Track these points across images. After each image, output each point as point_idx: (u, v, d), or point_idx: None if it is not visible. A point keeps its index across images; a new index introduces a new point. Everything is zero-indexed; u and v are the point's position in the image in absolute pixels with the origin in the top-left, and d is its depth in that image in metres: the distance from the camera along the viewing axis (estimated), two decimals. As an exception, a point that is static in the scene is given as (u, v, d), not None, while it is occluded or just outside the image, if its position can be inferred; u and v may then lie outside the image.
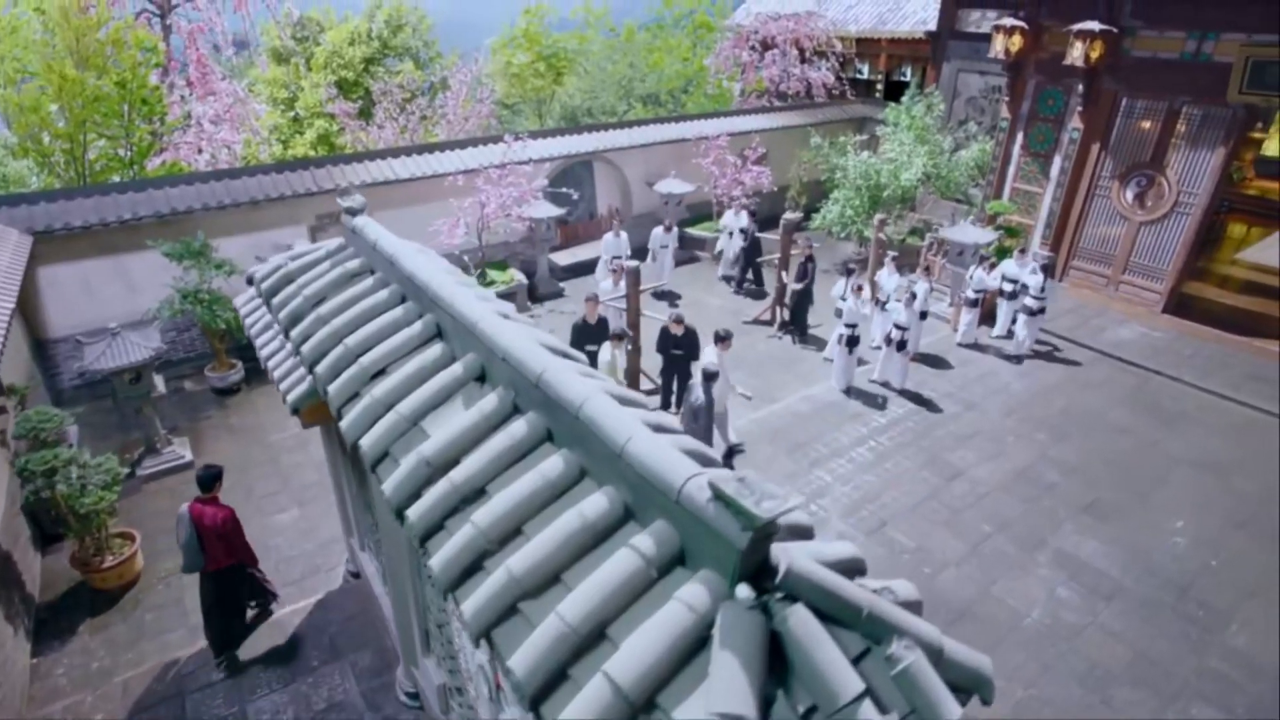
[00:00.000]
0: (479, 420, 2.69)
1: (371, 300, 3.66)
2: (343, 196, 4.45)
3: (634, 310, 9.95)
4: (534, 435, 2.57)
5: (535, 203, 13.11)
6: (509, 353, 2.73)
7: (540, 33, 22.76)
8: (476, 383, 2.99)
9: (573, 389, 2.45)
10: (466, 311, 3.06)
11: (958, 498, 8.48)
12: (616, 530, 2.20)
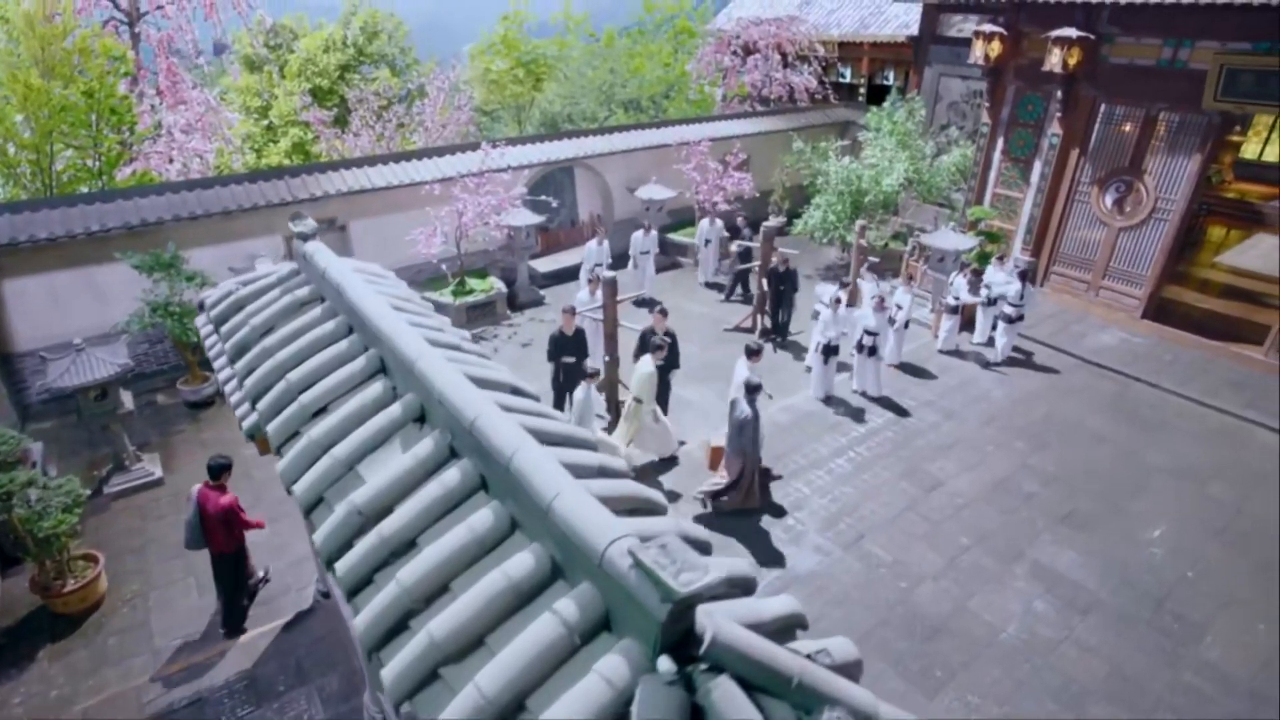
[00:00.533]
0: (414, 466, 2.60)
1: (318, 332, 3.56)
2: (294, 220, 4.34)
3: (611, 321, 9.84)
4: (466, 484, 2.48)
5: (514, 210, 13.00)
6: (444, 396, 2.65)
7: (519, 39, 22.60)
8: (416, 424, 2.90)
9: (504, 438, 2.36)
10: (406, 348, 2.97)
11: (936, 509, 8.44)
12: (544, 590, 2.12)
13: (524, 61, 22.59)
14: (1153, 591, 7.37)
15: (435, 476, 2.57)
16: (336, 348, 3.41)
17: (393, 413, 2.90)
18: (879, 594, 7.31)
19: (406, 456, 2.64)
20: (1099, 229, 13.01)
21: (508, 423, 2.46)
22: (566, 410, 10.07)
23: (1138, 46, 11.69)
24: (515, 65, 22.32)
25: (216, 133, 12.83)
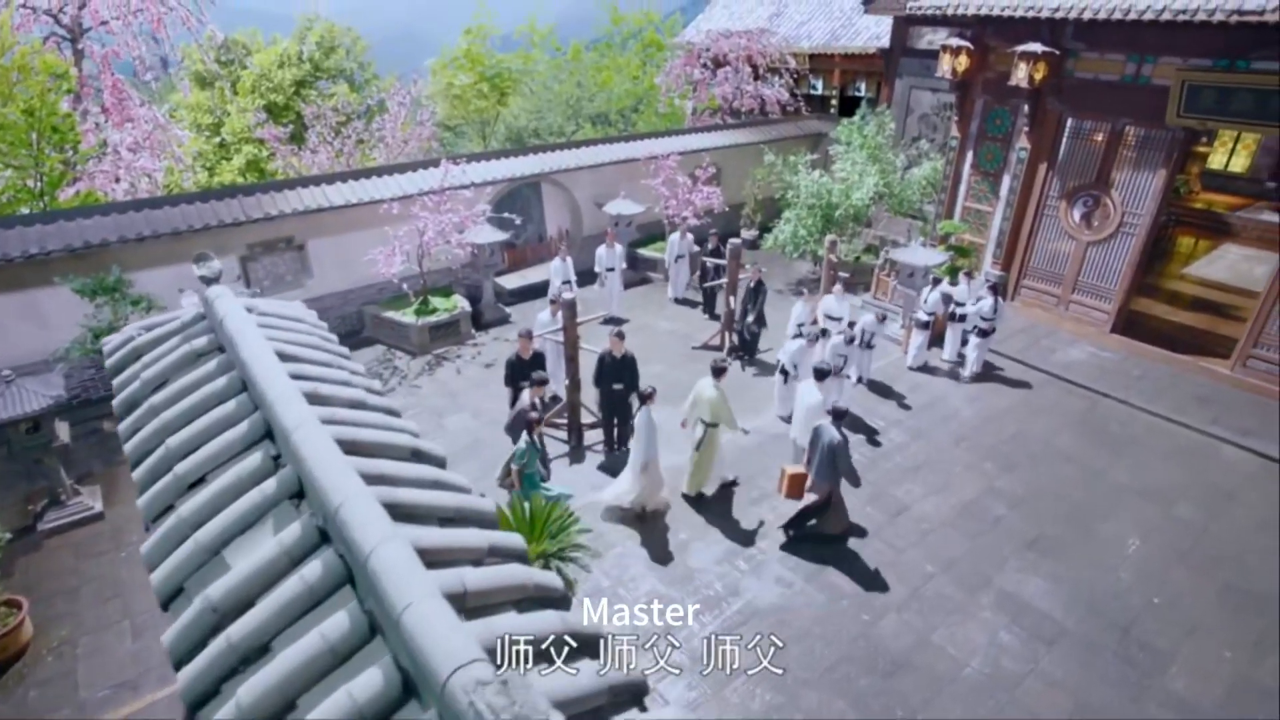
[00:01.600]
0: (278, 555, 2.36)
1: (208, 389, 3.31)
2: (199, 263, 4.08)
3: (572, 343, 9.62)
4: (329, 579, 2.24)
5: (478, 228, 12.75)
6: (311, 475, 2.40)
7: (482, 53, 22.34)
8: (293, 501, 2.66)
9: (366, 530, 2.12)
10: (284, 415, 2.72)
11: (901, 535, 8.26)
12: (394, 713, 1.88)
13: (488, 76, 22.36)
14: (1119, 620, 7.23)
15: (301, 567, 2.32)
16: (224, 408, 3.16)
17: (267, 489, 2.65)
18: (841, 627, 7.10)
19: (273, 543, 2.40)
20: (1068, 243, 12.96)
21: (374, 511, 2.21)
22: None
23: (1102, 62, 11.66)
24: (479, 80, 22.08)
25: (166, 151, 12.48)
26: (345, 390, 3.38)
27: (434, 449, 3.20)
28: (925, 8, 12.71)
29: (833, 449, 7.54)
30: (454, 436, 10.31)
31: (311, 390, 3.27)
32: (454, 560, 2.46)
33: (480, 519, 2.76)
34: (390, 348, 12.87)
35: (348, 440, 2.90)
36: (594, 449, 9.98)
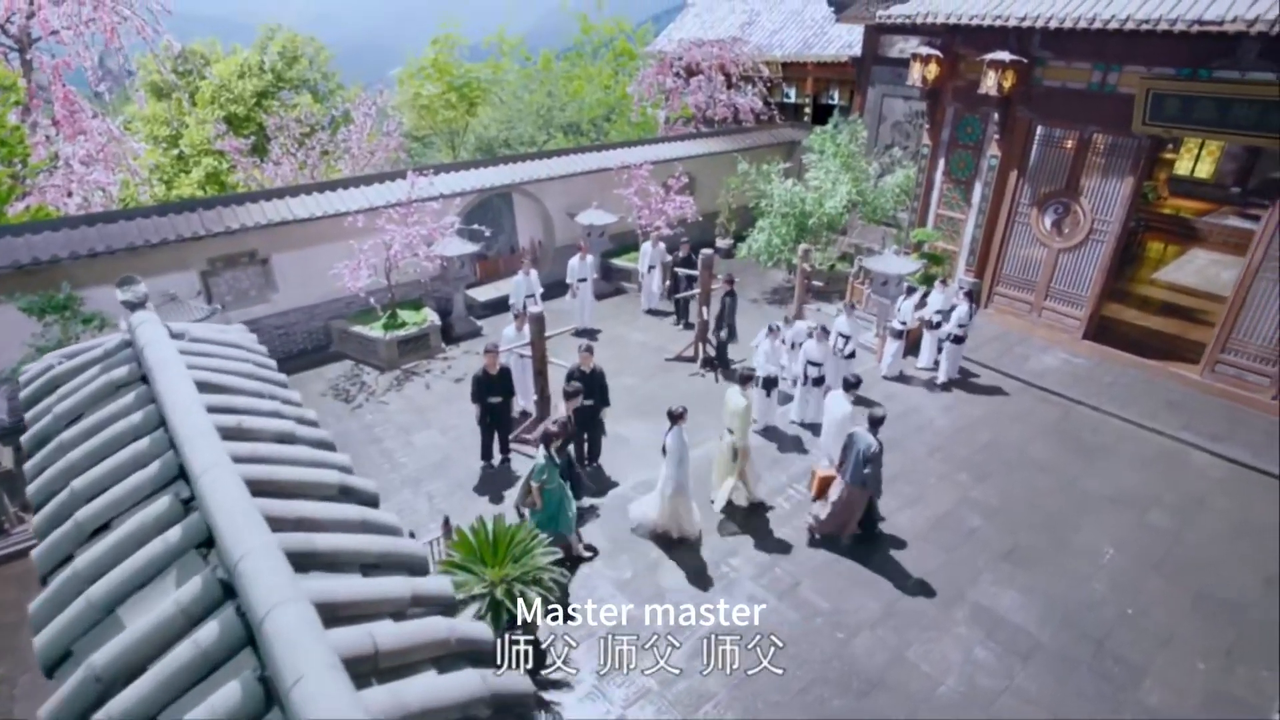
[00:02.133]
0: (174, 614, 2.15)
1: (123, 424, 3.09)
2: (123, 287, 3.85)
3: (539, 359, 9.45)
4: (227, 642, 2.04)
5: (447, 240, 12.54)
6: (215, 523, 2.21)
7: (451, 63, 22.11)
8: (201, 551, 2.45)
9: (263, 591, 1.93)
10: (193, 454, 2.52)
11: (876, 550, 8.15)
12: (283, 803, 1.69)
13: (456, 86, 22.17)
14: (1093, 632, 7.15)
15: (199, 628, 2.12)
16: (137, 446, 2.95)
17: (170, 537, 2.44)
18: (815, 646, 6.96)
19: (169, 602, 2.19)
20: (1040, 250, 12.99)
21: (276, 566, 2.02)
22: (495, 453, 9.63)
23: (1069, 70, 11.72)
24: (447, 90, 21.90)
25: (121, 164, 12.13)
26: (274, 423, 3.18)
27: (365, 485, 3.01)
28: (895, 17, 12.72)
29: (867, 457, 7.54)
30: (422, 454, 10.08)
31: (235, 424, 3.07)
32: (372, 613, 2.28)
33: (408, 563, 2.57)
34: (358, 363, 12.60)
35: (266, 480, 2.70)
36: (565, 465, 9.77)
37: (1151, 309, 14.19)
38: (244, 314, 11.99)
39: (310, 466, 2.97)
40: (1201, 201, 18.72)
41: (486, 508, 8.89)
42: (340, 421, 10.91)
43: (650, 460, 9.73)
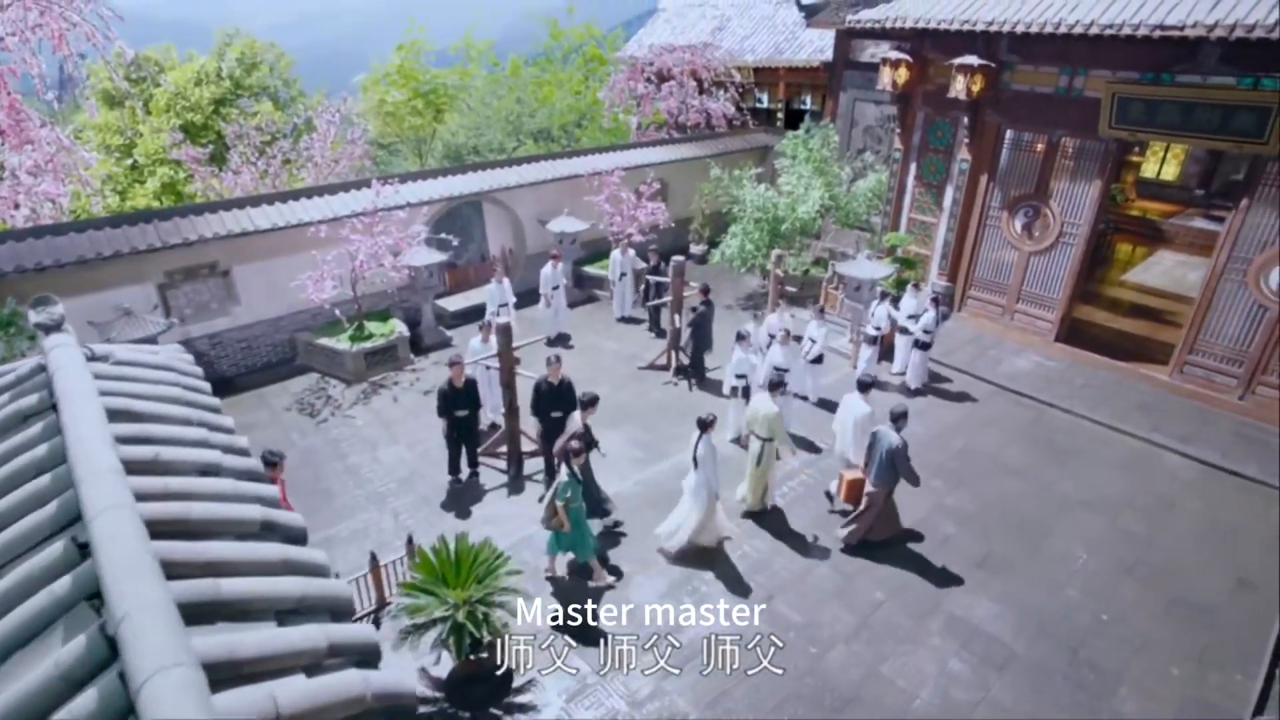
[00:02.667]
0: (52, 678, 1.94)
1: (27, 458, 2.86)
2: (38, 308, 3.62)
3: (507, 370, 9.24)
4: (105, 714, 1.84)
5: (415, 249, 12.31)
6: (102, 574, 2.00)
7: (417, 69, 21.83)
8: (93, 603, 2.24)
9: (143, 655, 1.73)
10: (89, 495, 2.31)
11: (851, 561, 8.03)
12: None
13: (422, 92, 21.90)
14: (1068, 640, 7.09)
15: (77, 696, 1.91)
16: (39, 483, 2.72)
17: (59, 589, 2.23)
18: (789, 661, 6.80)
19: (48, 663, 1.98)
20: (1011, 253, 13.02)
21: (162, 625, 1.82)
22: (462, 467, 9.42)
23: (1036, 74, 11.76)
24: (414, 96, 21.62)
25: (71, 174, 11.77)
26: (197, 453, 2.97)
27: (292, 520, 2.81)
28: (864, 21, 12.71)
29: (893, 453, 7.61)
30: (389, 469, 9.83)
31: (151, 456, 2.86)
32: (283, 668, 2.09)
33: (332, 606, 2.38)
34: (325, 376, 12.30)
35: (176, 519, 2.50)
36: (534, 479, 9.57)
37: (1121, 310, 14.28)
38: (205, 327, 11.67)
39: (231, 501, 2.77)
40: (1168, 204, 18.94)
41: (453, 524, 8.67)
42: (305, 437, 10.63)
43: (622, 469, 9.59)
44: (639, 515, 8.65)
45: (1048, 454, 10.00)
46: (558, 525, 7.25)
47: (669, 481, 9.24)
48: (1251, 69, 9.52)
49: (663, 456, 9.88)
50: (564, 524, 7.19)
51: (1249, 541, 8.44)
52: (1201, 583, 7.81)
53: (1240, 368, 10.75)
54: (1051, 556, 8.14)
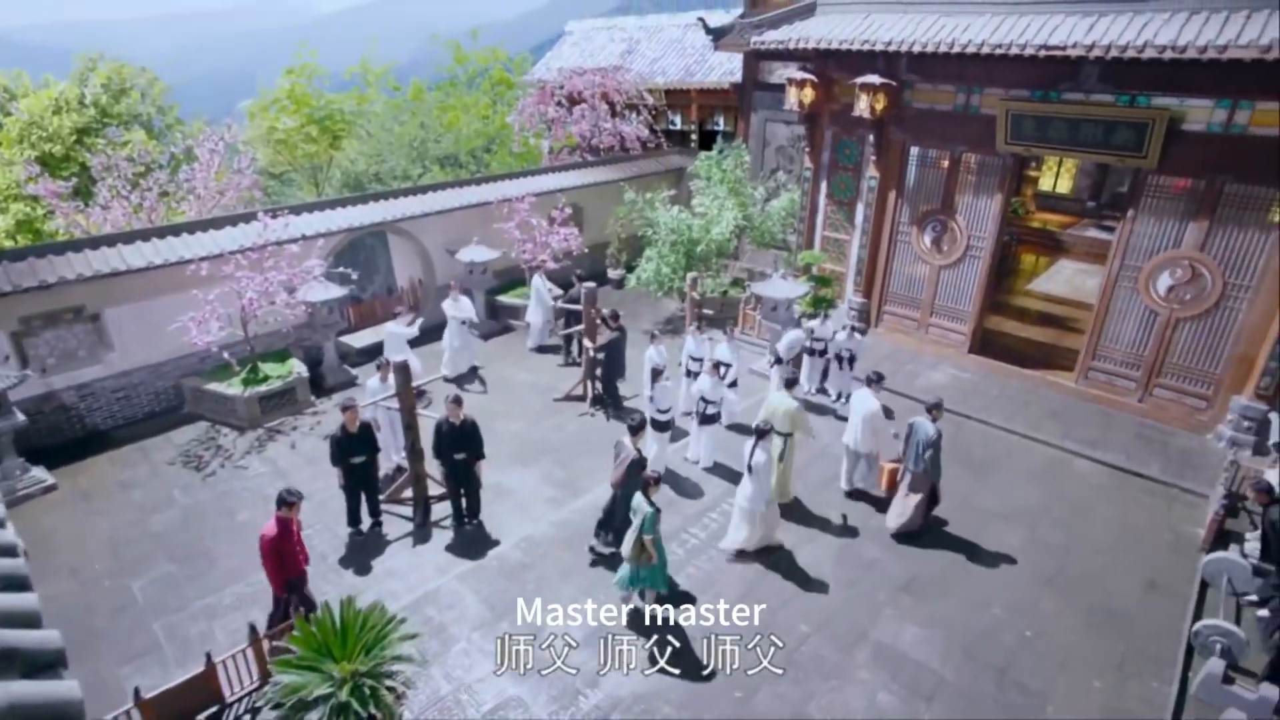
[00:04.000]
0: None
1: None
2: None
3: (408, 410, 8.65)
4: None
5: (312, 284, 11.56)
6: None
7: (309, 94, 21.02)
8: None
9: None
10: None
11: (775, 593, 7.73)
12: None
13: (317, 118, 20.97)
14: (995, 661, 6.95)
15: None
16: None
17: None
18: (712, 707, 6.43)
19: None
20: (922, 267, 13.21)
21: None
22: (363, 518, 8.73)
23: (936, 93, 12.01)
24: (307, 122, 20.69)
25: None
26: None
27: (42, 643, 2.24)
28: (769, 43, 12.77)
29: (927, 444, 8.10)
30: (282, 525, 9.00)
31: None
32: None
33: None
34: (215, 424, 11.35)
35: None
36: (442, 524, 8.96)
37: (1029, 319, 14.69)
38: (72, 378, 10.61)
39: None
40: (1064, 215, 19.82)
41: (351, 582, 8.00)
42: (189, 493, 9.71)
43: (535, 511, 9.08)
44: (553, 559, 8.16)
45: (967, 467, 10.01)
46: (647, 560, 7.03)
47: (582, 519, 8.80)
48: (1127, 87, 9.93)
49: (579, 493, 9.42)
50: (653, 558, 7.02)
51: (1155, 542, 8.59)
52: (1116, 589, 7.85)
53: (1138, 371, 11.11)
54: (975, 574, 8.05)
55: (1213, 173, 9.79)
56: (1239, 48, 8.46)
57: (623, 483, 7.61)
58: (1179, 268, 10.33)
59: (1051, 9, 10.08)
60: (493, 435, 10.67)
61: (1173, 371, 10.83)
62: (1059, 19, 9.91)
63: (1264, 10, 8.67)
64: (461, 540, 8.66)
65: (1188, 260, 10.23)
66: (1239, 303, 10.02)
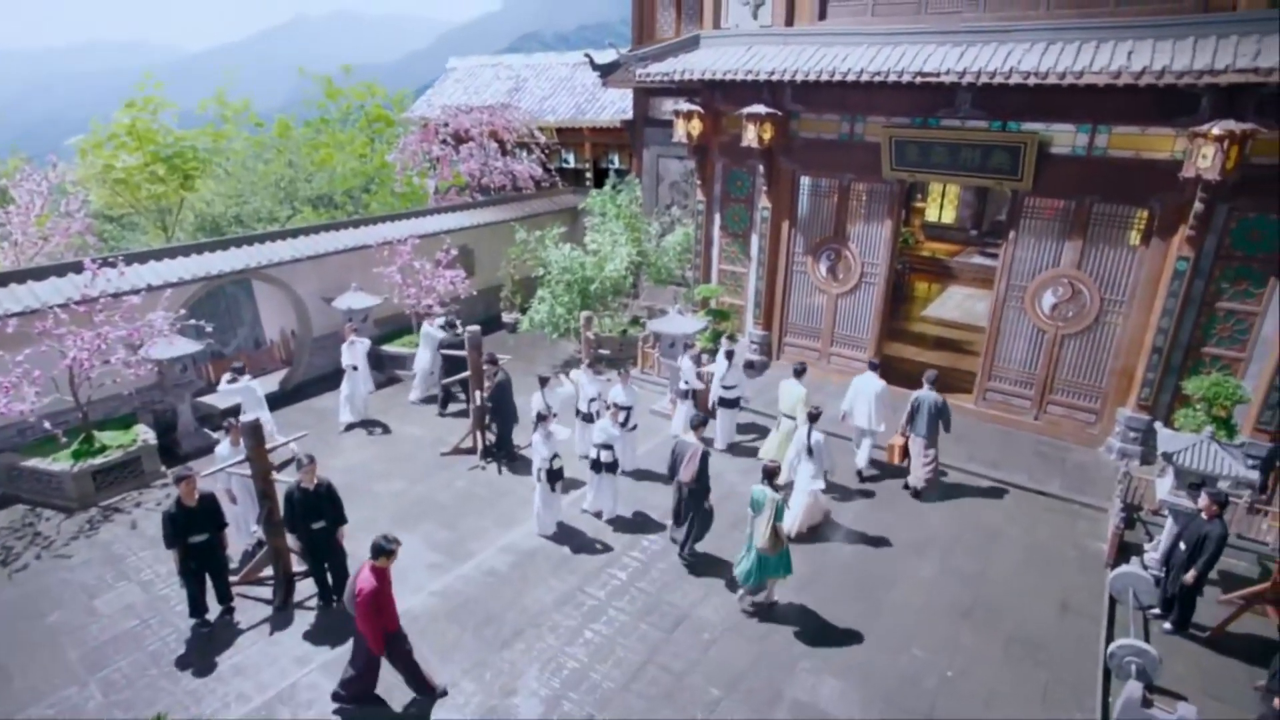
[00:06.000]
0: None
1: None
2: None
3: (262, 475, 7.55)
4: None
5: (161, 340, 10.26)
6: None
7: (155, 129, 19.28)
8: None
9: None
10: None
11: (681, 653, 7.02)
12: None
13: (164, 156, 19.11)
14: (918, 707, 6.46)
15: None
16: None
17: None
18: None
19: None
20: (820, 296, 13.12)
21: None
22: (208, 606, 7.48)
23: (821, 122, 12.07)
24: (152, 160, 18.77)
25: None
26: None
27: None
28: (654, 75, 12.58)
29: (939, 407, 9.35)
30: (110, 623, 7.61)
31: None
32: None
33: None
34: (36, 506, 9.75)
35: None
36: (307, 605, 7.81)
37: (927, 344, 14.84)
38: None
39: None
40: (951, 244, 20.57)
41: (190, 687, 6.75)
42: (-7, 593, 8.14)
43: (413, 580, 8.06)
44: (432, 637, 7.17)
45: (875, 500, 9.70)
46: (780, 547, 7.27)
47: (469, 586, 7.88)
48: (999, 113, 10.20)
49: (465, 557, 8.48)
50: (783, 543, 7.30)
51: (1063, 561, 8.46)
52: (1032, 614, 7.60)
53: (1031, 389, 11.23)
54: (891, 613, 7.61)
55: (1082, 194, 10.09)
56: (1093, 74, 8.77)
57: (696, 477, 7.99)
58: (1060, 286, 10.54)
59: (925, 38, 10.29)
60: (370, 498, 9.70)
61: (1063, 388, 10.99)
62: (932, 48, 10.11)
63: (1110, 41, 9.06)
64: (327, 622, 7.54)
65: (1067, 278, 10.46)
66: (1116, 317, 10.28)
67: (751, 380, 12.58)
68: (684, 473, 8.03)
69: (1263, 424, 9.43)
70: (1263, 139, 8.47)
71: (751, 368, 13.14)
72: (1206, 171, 8.46)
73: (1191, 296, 9.51)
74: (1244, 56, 8.09)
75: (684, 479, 8.05)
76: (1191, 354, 9.79)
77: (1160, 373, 9.83)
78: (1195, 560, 6.99)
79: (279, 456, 9.80)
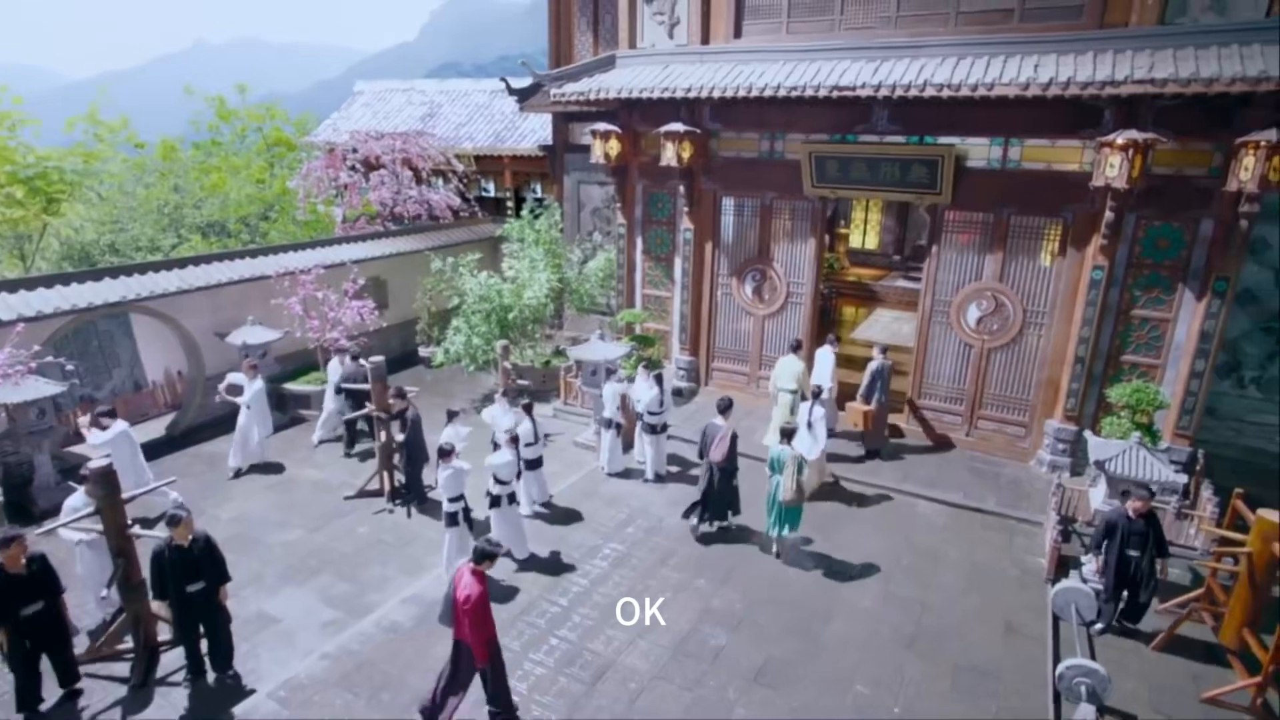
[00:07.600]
0: None
1: None
2: None
3: (115, 532, 6.52)
4: None
5: (8, 382, 9.04)
6: None
7: (12, 147, 17.58)
8: None
9: None
10: None
11: (606, 707, 6.28)
12: None
13: (22, 177, 17.37)
14: (865, 752, 5.88)
15: None
16: None
17: None
18: None
19: None
20: (747, 319, 12.81)
21: None
22: (42, 696, 6.33)
23: (740, 140, 11.90)
24: (9, 181, 17.10)
25: None
26: None
27: None
28: (568, 95, 12.18)
29: (882, 375, 10.44)
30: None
31: None
32: None
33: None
34: None
35: None
36: (171, 680, 6.72)
37: (857, 366, 14.61)
38: None
39: None
40: (875, 269, 20.79)
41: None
42: None
43: (304, 645, 7.09)
44: (323, 705, 6.22)
45: (812, 525, 9.22)
46: (802, 499, 8.13)
47: (365, 647, 6.94)
48: (915, 128, 10.20)
49: (364, 611, 7.53)
50: (805, 494, 8.10)
51: (1003, 580, 8.16)
52: (977, 638, 7.20)
53: (962, 405, 11.09)
54: (833, 648, 7.07)
55: (999, 206, 10.12)
56: (1003, 85, 8.80)
57: (727, 457, 8.55)
58: (984, 299, 10.49)
59: (840, 54, 10.24)
60: (260, 549, 8.68)
61: (992, 402, 10.89)
62: (847, 64, 10.05)
63: (1017, 56, 9.16)
64: (198, 699, 6.48)
65: (990, 291, 10.42)
66: (1039, 329, 10.26)
67: (679, 408, 12.09)
68: (714, 453, 8.56)
69: (1181, 429, 9.48)
70: (1163, 149, 8.63)
71: (679, 394, 12.65)
72: (1115, 180, 8.52)
73: (1109, 305, 9.58)
74: (1140, 69, 8.25)
75: (715, 459, 8.56)
76: (1112, 363, 9.83)
77: (1084, 382, 9.81)
78: (1148, 552, 7.02)
79: (149, 508, 8.73)
